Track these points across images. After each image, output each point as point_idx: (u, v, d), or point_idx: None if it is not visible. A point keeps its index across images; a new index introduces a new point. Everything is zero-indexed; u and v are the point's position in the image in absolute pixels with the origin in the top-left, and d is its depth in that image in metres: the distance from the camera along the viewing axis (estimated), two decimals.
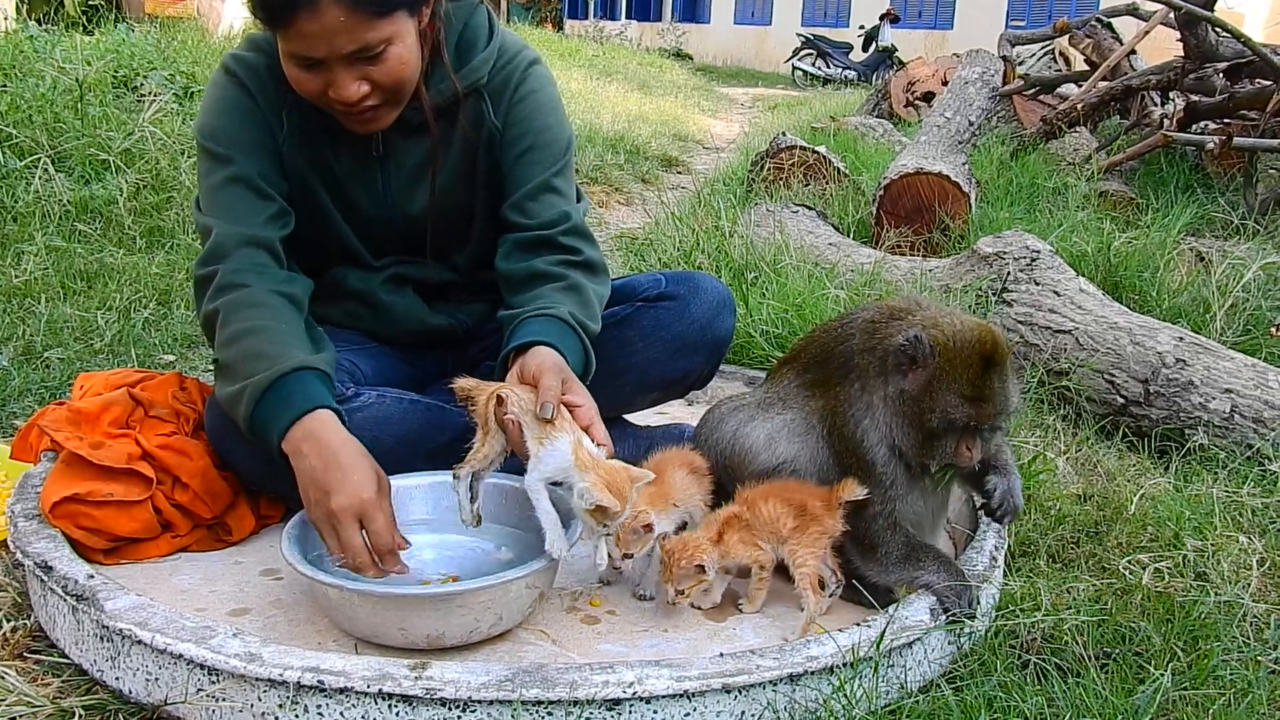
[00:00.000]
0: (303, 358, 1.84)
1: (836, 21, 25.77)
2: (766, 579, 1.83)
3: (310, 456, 1.75)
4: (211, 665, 1.50)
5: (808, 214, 4.70)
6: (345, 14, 1.79)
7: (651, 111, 11.00)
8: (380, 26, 1.84)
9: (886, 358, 1.81)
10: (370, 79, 1.89)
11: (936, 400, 1.76)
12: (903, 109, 9.46)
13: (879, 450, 1.84)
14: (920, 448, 1.80)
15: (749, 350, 3.25)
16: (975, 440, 1.79)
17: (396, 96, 1.96)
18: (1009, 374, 1.80)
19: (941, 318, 1.83)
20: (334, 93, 1.89)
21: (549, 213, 2.07)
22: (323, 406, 1.80)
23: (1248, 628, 1.85)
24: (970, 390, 1.75)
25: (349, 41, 1.82)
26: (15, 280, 3.58)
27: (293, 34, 1.83)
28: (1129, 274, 3.82)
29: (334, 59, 1.85)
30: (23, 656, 1.74)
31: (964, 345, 1.76)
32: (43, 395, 2.82)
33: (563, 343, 1.88)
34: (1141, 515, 2.27)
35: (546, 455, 1.69)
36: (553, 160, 2.11)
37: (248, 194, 2.00)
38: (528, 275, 2.04)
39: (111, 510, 1.88)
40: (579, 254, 2.07)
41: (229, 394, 1.85)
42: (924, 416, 1.77)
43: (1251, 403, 2.73)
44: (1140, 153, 5.80)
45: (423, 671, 1.46)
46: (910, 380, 1.79)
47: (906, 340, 1.77)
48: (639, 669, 1.49)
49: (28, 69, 5.30)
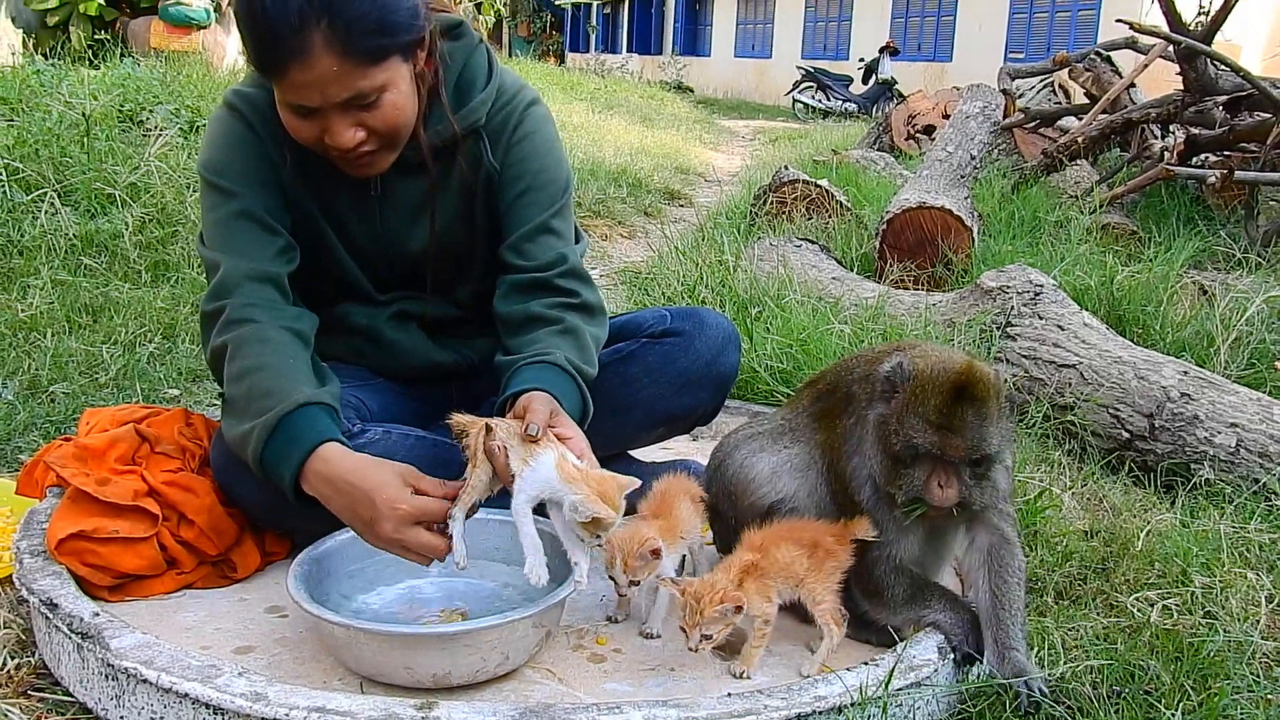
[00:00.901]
0: (308, 393, 1.84)
1: (836, 54, 25.92)
2: (767, 636, 1.77)
3: (334, 498, 1.76)
4: (217, 704, 1.50)
5: (811, 248, 4.72)
6: (338, 63, 1.79)
7: (653, 144, 11.05)
8: (373, 74, 1.84)
9: (875, 386, 1.82)
10: (366, 125, 1.90)
11: (902, 423, 1.74)
12: (904, 142, 9.50)
13: (866, 489, 1.83)
14: (888, 475, 1.77)
15: (754, 385, 3.25)
16: (949, 478, 1.74)
17: (393, 141, 1.97)
18: (990, 413, 1.73)
19: (935, 351, 1.83)
20: (330, 140, 1.89)
21: (546, 254, 2.08)
22: (326, 440, 1.80)
23: (1257, 665, 1.83)
24: (935, 417, 1.71)
25: (342, 90, 1.83)
26: (21, 314, 3.59)
27: (286, 84, 1.84)
28: (1132, 308, 3.82)
29: (328, 107, 1.85)
30: (26, 694, 1.73)
31: (940, 373, 1.74)
32: (48, 430, 2.82)
33: (558, 389, 1.88)
34: (1149, 551, 2.26)
35: (529, 474, 1.67)
36: (550, 201, 2.12)
37: (254, 228, 2.01)
38: (524, 319, 2.04)
39: (117, 547, 1.88)
40: (576, 296, 2.07)
41: (238, 435, 1.85)
42: (889, 440, 1.75)
43: (1257, 437, 2.73)
44: (1141, 185, 5.82)
45: (429, 711, 1.45)
46: (891, 407, 1.78)
47: (891, 367, 1.77)
48: (646, 709, 1.48)
49: (34, 103, 5.33)
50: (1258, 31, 16.62)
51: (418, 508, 1.70)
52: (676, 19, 34.82)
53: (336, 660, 1.74)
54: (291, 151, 2.04)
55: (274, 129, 2.03)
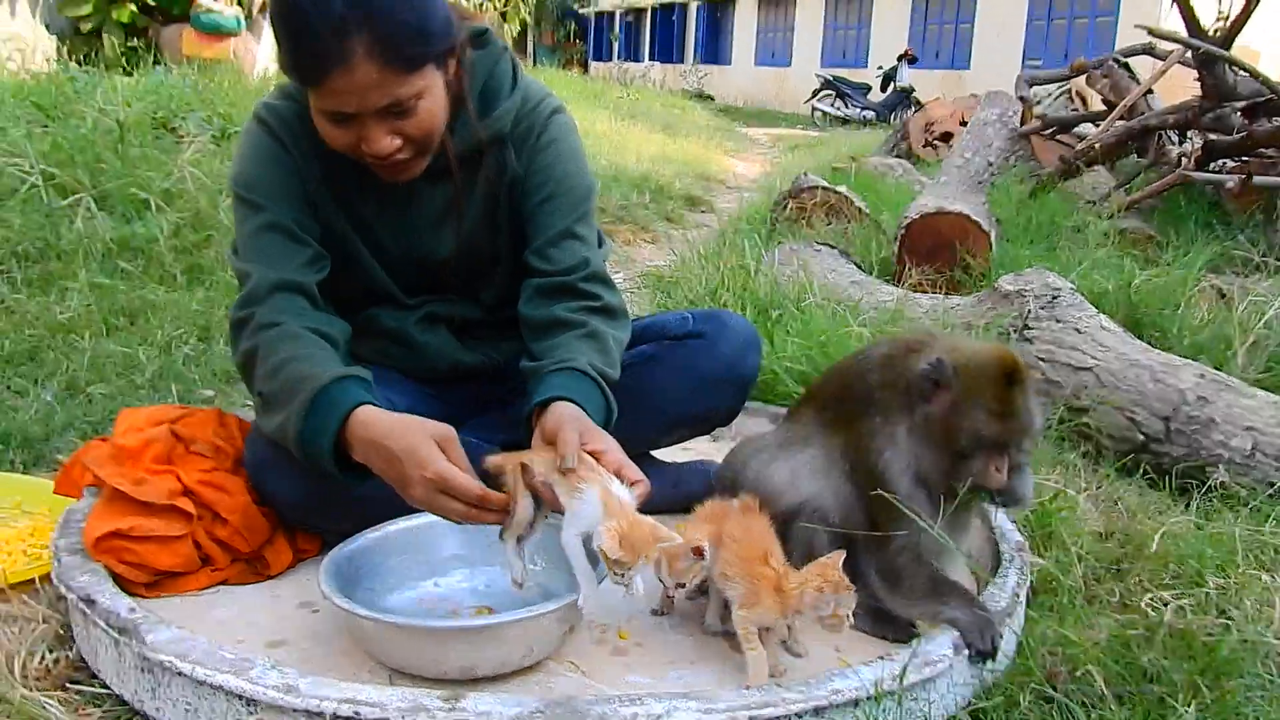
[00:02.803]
0: (341, 370, 1.87)
1: (855, 62, 25.85)
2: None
3: (374, 459, 1.77)
4: (250, 696, 1.51)
5: (830, 253, 4.72)
6: (377, 71, 1.81)
7: (675, 152, 11.04)
8: (412, 81, 1.86)
9: (910, 389, 1.83)
10: (401, 133, 1.91)
11: (964, 419, 1.77)
12: (921, 149, 9.48)
13: (903, 481, 1.84)
14: (949, 471, 1.80)
15: (774, 387, 3.25)
16: (1003, 460, 1.80)
17: (426, 148, 1.99)
18: (1030, 391, 1.81)
19: (958, 344, 1.86)
20: (367, 147, 1.91)
21: (570, 259, 2.09)
22: (361, 404, 1.81)
23: (1271, 665, 1.83)
24: (997, 406, 1.76)
25: (381, 97, 1.85)
26: (60, 317, 3.62)
27: (325, 91, 1.85)
28: (1150, 311, 3.80)
29: (366, 114, 1.87)
30: (64, 687, 1.75)
31: (985, 364, 1.79)
32: (85, 430, 2.85)
33: (583, 395, 1.89)
34: (1163, 553, 2.25)
35: (579, 509, 1.66)
36: (574, 207, 2.14)
37: (282, 240, 2.03)
38: (549, 323, 2.06)
39: (153, 545, 1.91)
40: (598, 299, 2.09)
41: (276, 424, 1.87)
42: (953, 437, 1.78)
43: (1273, 440, 2.71)
44: (1159, 191, 5.78)
45: (456, 703, 1.47)
46: (936, 404, 1.80)
47: (929, 365, 1.79)
48: (667, 701, 1.49)
49: (69, 110, 5.38)
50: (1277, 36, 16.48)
51: (441, 476, 1.69)
52: (698, 28, 34.84)
53: (366, 654, 1.76)
54: (321, 163, 2.06)
55: (302, 142, 2.05)
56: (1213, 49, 5.57)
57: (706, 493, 2.11)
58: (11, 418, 2.86)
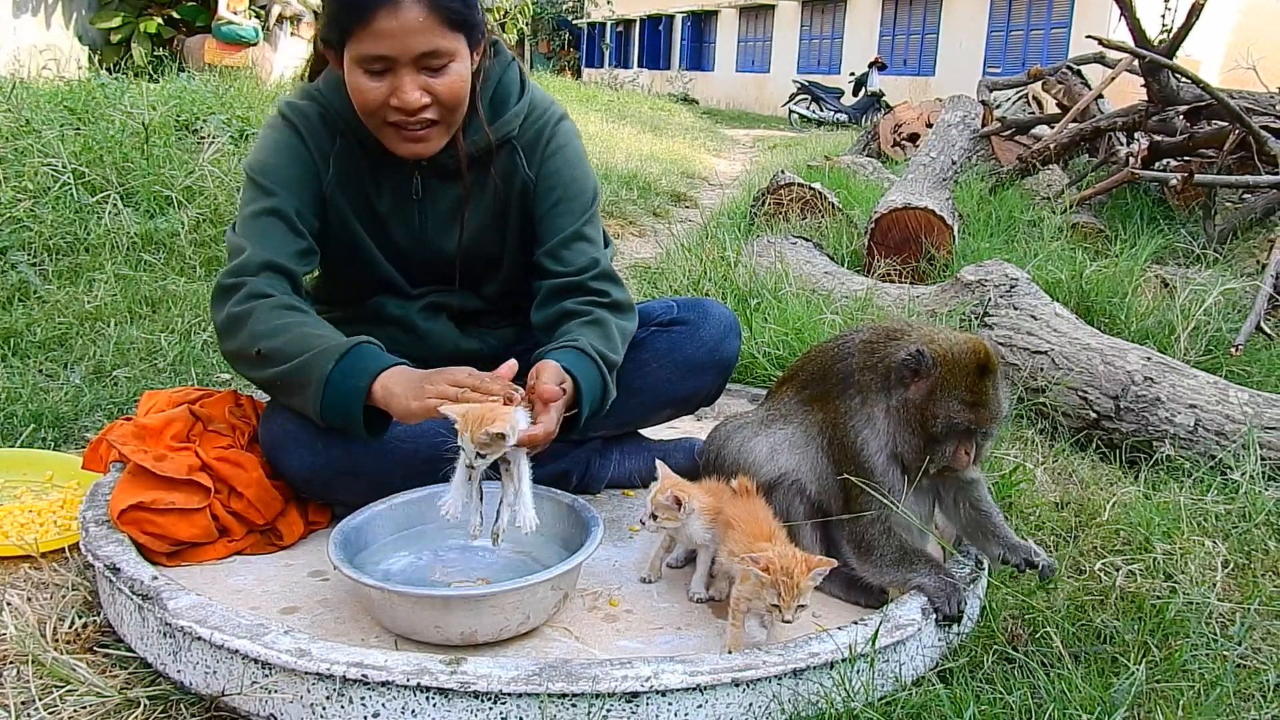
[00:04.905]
0: (363, 337, 1.86)
1: (829, 69, 25.78)
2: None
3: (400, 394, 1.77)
4: (264, 660, 1.49)
5: (805, 245, 4.69)
6: (424, 14, 1.79)
7: (661, 151, 11.00)
8: (451, 37, 1.84)
9: (889, 373, 1.82)
10: (431, 90, 1.88)
11: (939, 407, 1.76)
12: (890, 149, 9.44)
13: (878, 458, 1.83)
14: (922, 453, 1.79)
15: (753, 370, 3.24)
16: (972, 444, 1.80)
17: (450, 118, 1.95)
18: (1000, 381, 1.81)
19: (935, 334, 1.85)
20: (397, 99, 1.86)
21: (580, 260, 2.07)
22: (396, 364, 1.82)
23: (1214, 625, 1.83)
24: (970, 396, 1.77)
25: (422, 43, 1.81)
26: (87, 305, 3.59)
27: (368, 34, 1.81)
28: (1100, 299, 3.79)
29: (404, 61, 1.83)
30: (93, 650, 1.73)
31: (961, 355, 1.78)
32: (111, 411, 2.82)
33: (576, 366, 1.87)
34: (1114, 521, 2.25)
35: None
36: (581, 210, 2.11)
37: (282, 226, 1.99)
38: (558, 316, 2.04)
39: (173, 517, 1.88)
40: (607, 296, 2.07)
41: (289, 368, 1.83)
42: (928, 422, 1.77)
43: (1214, 417, 2.71)
44: (1108, 188, 5.77)
45: (457, 666, 1.45)
46: (913, 391, 1.79)
47: (909, 355, 1.77)
48: (655, 664, 1.48)
49: (99, 113, 5.32)
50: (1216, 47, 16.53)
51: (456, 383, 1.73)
52: (683, 37, 34.67)
53: (373, 620, 1.73)
54: (337, 160, 2.03)
55: (321, 140, 2.02)
56: (1158, 58, 5.58)
57: (692, 467, 2.10)
58: (43, 399, 2.83)
